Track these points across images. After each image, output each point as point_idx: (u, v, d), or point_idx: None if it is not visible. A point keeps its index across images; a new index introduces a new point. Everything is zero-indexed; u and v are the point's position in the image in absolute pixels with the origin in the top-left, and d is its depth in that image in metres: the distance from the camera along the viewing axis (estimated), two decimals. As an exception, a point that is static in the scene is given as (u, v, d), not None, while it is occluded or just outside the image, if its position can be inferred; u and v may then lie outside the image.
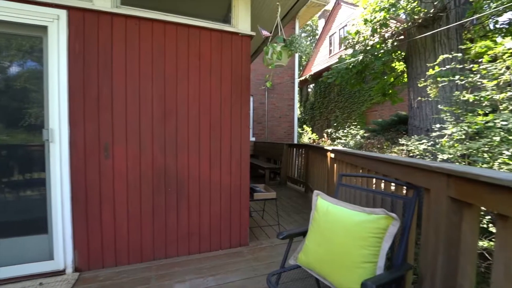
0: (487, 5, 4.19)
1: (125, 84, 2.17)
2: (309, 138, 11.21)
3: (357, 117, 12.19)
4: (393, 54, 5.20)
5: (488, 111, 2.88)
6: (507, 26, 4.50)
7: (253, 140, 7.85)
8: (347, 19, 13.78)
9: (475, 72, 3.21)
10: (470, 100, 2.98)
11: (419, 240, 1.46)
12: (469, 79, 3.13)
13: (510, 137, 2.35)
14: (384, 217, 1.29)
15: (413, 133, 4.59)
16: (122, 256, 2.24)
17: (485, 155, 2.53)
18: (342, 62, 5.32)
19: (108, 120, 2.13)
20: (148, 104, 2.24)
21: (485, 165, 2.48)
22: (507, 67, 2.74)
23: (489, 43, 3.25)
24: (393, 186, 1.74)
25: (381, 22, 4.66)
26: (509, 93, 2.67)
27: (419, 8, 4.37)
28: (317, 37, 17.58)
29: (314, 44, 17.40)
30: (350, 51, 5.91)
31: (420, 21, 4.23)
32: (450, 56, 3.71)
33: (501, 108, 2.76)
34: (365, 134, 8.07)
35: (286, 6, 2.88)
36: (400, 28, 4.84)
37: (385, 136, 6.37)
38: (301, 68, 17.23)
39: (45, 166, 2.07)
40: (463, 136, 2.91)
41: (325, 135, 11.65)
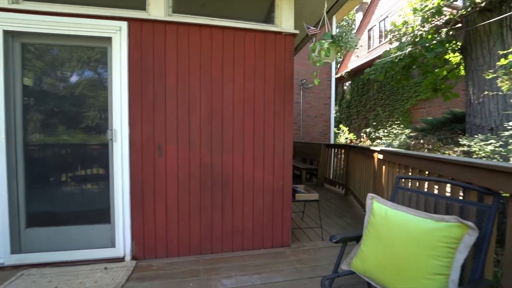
0: None
1: (176, 88, 2.31)
2: (346, 138, 10.71)
3: (400, 116, 11.27)
4: (447, 45, 4.68)
5: None
6: None
7: (288, 140, 7.77)
8: (388, 11, 12.84)
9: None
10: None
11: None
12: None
13: None
14: (457, 225, 1.16)
15: (473, 133, 4.07)
16: (173, 248, 2.39)
17: None
18: (387, 57, 4.95)
19: (162, 121, 2.30)
20: (197, 106, 2.36)
21: None
22: None
23: None
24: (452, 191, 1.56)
25: (434, 10, 4.23)
26: None
27: (482, -9, 3.86)
28: (354, 32, 16.70)
29: (351, 40, 16.55)
30: (395, 45, 5.49)
31: (483, 5, 3.73)
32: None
33: None
34: (412, 134, 7.41)
35: (331, 1, 2.78)
36: (457, 15, 4.33)
37: (437, 136, 5.77)
38: (336, 66, 16.57)
39: (109, 163, 2.31)
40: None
41: (364, 135, 11.01)
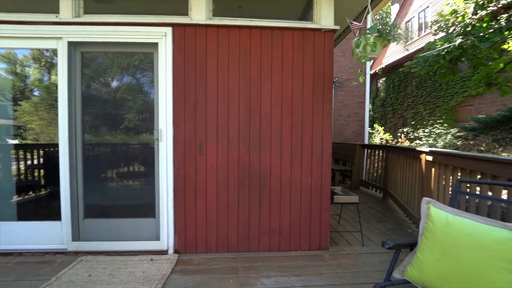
0: None
1: (217, 89, 2.38)
2: (381, 139, 10.09)
3: (443, 114, 10.30)
4: (507, 33, 4.15)
5: None
6: None
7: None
8: (429, 0, 11.83)
9: None
10: None
11: None
12: None
13: None
14: (542, 238, 1.01)
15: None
16: (212, 244, 2.46)
17: None
18: (432, 49, 4.55)
19: (203, 122, 2.38)
20: (235, 106, 2.40)
21: None
22: None
23: None
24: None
25: (490, -5, 3.78)
26: None
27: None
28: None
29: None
30: (440, 37, 5.02)
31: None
32: None
33: None
34: (459, 134, 6.72)
35: (373, -7, 2.64)
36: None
37: (492, 136, 5.15)
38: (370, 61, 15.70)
39: (154, 160, 2.46)
40: None
41: (402, 135, 10.28)
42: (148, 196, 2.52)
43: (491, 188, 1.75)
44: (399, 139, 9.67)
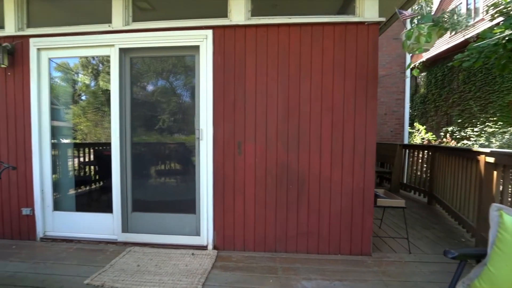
0: None
1: (255, 88, 2.39)
2: (422, 139, 9.30)
3: (498, 110, 9.12)
4: None
5: None
6: None
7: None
8: (480, -17, 10.58)
9: None
10: None
11: None
12: None
13: None
14: None
15: None
16: (249, 242, 2.48)
17: None
18: (488, 38, 4.05)
19: (241, 121, 2.41)
20: (274, 105, 2.39)
21: None
22: None
23: None
24: None
25: None
26: None
27: None
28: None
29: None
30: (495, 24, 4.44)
31: None
32: None
33: None
34: (520, 133, 5.91)
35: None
36: None
37: None
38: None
39: (195, 159, 2.55)
40: None
41: (447, 135, 9.37)
42: (189, 193, 2.63)
43: None
44: (445, 139, 8.82)
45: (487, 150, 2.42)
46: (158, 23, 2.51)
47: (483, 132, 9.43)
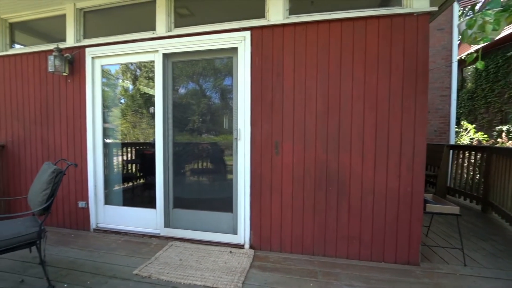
0: None
1: (293, 87, 2.36)
2: (471, 139, 8.38)
3: None
4: None
5: None
6: None
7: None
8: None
9: None
10: None
11: None
12: None
13: None
14: None
15: None
16: (286, 244, 2.45)
17: None
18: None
19: (279, 121, 2.39)
20: (312, 104, 2.33)
21: None
22: None
23: None
24: None
25: None
26: None
27: None
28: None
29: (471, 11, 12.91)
30: None
31: None
32: None
33: None
34: None
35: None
36: None
37: None
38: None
39: (233, 159, 2.60)
40: None
41: (503, 135, 8.32)
42: (227, 192, 2.68)
43: None
44: (499, 139, 7.85)
45: None
46: (198, 28, 2.61)
47: (548, 132, 8.25)
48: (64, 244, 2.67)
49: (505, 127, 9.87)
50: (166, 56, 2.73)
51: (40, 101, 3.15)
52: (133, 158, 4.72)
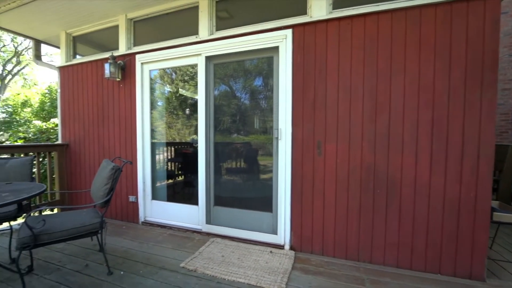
0: None
1: (337, 85, 2.27)
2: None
3: None
4: None
5: None
6: None
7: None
8: None
9: None
10: None
11: None
12: None
13: None
14: None
15: None
16: (328, 247, 2.36)
17: None
18: None
19: (322, 120, 2.32)
20: (359, 102, 2.21)
21: None
22: None
23: None
24: None
25: None
26: None
27: None
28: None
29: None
30: None
31: None
32: None
33: None
34: None
35: None
36: None
37: None
38: None
39: (273, 158, 2.59)
40: None
41: None
42: (266, 192, 2.69)
43: None
44: None
45: None
46: (239, 29, 2.65)
47: None
48: (118, 235, 2.93)
49: None
50: (208, 59, 2.82)
51: (97, 105, 3.50)
52: (173, 157, 5.00)
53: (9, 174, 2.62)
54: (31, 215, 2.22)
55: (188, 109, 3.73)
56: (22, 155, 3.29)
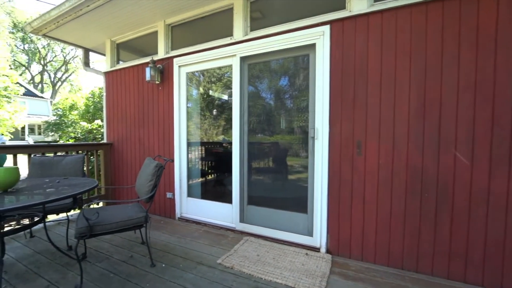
0: None
1: (380, 82, 2.15)
2: None
3: None
4: None
5: None
6: None
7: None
8: None
9: None
10: None
11: None
12: None
13: None
14: None
15: None
16: (368, 252, 2.25)
17: None
18: None
19: (362, 119, 2.22)
20: (404, 99, 2.07)
21: None
22: None
23: None
24: None
25: None
26: None
27: None
28: None
29: None
30: None
31: None
32: None
33: None
34: None
35: None
36: None
37: None
38: None
39: (308, 158, 2.54)
40: None
41: None
42: (300, 192, 2.64)
43: None
44: None
45: None
46: (274, 28, 2.65)
47: None
48: (157, 229, 3.09)
49: None
50: (243, 59, 2.86)
51: (138, 107, 3.74)
52: (204, 156, 5.18)
53: (65, 170, 2.91)
54: (86, 208, 2.44)
55: (217, 110, 3.82)
56: (74, 153, 3.64)
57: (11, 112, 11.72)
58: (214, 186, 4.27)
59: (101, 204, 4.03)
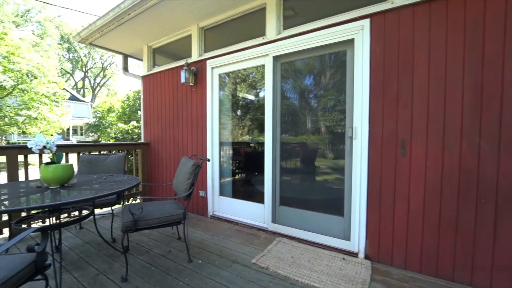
0: None
1: (428, 77, 1.99)
2: None
3: None
4: None
5: None
6: None
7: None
8: None
9: None
10: None
11: None
12: None
13: None
14: None
15: None
16: (413, 261, 2.09)
17: None
18: None
19: (407, 117, 2.07)
20: (457, 95, 1.89)
21: None
22: None
23: None
24: None
25: None
26: None
27: None
28: None
29: None
30: None
31: None
32: None
33: None
34: None
35: None
36: None
37: None
38: None
39: (346, 159, 2.44)
40: None
41: None
42: (335, 194, 2.55)
43: None
44: None
45: None
46: (308, 26, 2.59)
47: None
48: (191, 226, 3.20)
49: None
50: (276, 59, 2.84)
51: (172, 108, 3.91)
52: (233, 155, 5.25)
53: (109, 167, 3.14)
54: (130, 203, 2.60)
55: (247, 110, 3.83)
56: (114, 152, 3.91)
57: (59, 115, 13.04)
58: (243, 186, 4.31)
59: (138, 201, 4.27)
